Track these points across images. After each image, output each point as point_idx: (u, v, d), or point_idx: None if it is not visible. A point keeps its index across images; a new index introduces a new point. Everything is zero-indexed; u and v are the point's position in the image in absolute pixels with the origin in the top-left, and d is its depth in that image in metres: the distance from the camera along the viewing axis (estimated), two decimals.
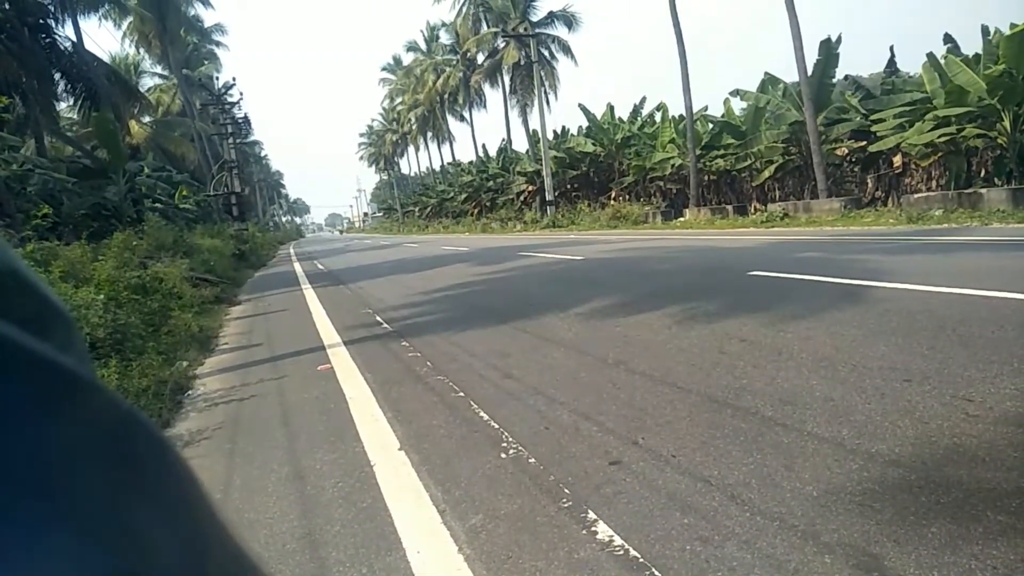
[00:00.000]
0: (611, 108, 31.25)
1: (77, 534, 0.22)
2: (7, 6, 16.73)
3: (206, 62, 45.74)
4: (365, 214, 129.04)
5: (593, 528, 2.21)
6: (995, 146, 16.29)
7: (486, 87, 45.46)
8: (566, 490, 2.52)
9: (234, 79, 34.59)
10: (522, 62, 38.05)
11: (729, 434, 2.87)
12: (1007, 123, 15.01)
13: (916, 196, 15.74)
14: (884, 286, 5.82)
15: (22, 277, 0.29)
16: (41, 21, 18.21)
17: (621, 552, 2.06)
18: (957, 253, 7.92)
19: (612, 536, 2.15)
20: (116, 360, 5.08)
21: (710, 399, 3.35)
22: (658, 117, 28.39)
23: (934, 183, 18.47)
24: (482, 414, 3.55)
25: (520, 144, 43.21)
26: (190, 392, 5.03)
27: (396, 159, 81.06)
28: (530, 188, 36.12)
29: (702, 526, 2.14)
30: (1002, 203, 13.08)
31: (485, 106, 49.93)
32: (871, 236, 11.36)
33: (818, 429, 2.81)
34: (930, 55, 16.87)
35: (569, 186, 33.78)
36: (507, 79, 41.95)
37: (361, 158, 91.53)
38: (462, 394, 3.97)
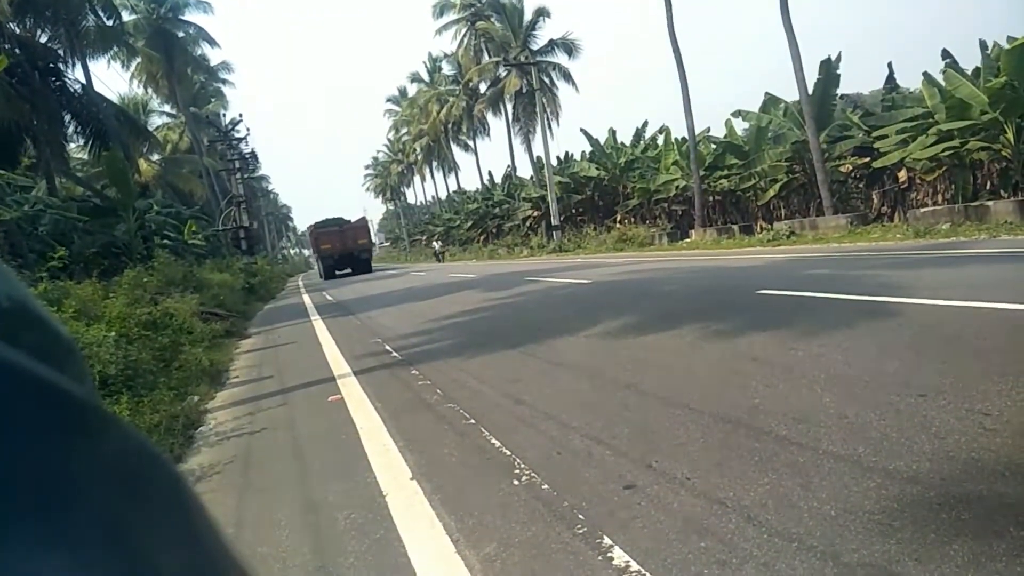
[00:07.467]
0: (613, 132, 31.49)
1: (81, 561, 0.22)
2: (18, 51, 17.09)
3: (213, 99, 46.45)
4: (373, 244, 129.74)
5: (609, 554, 2.19)
6: (1000, 158, 16.29)
7: (489, 115, 45.90)
8: (580, 516, 2.49)
9: (240, 115, 35.22)
10: (524, 90, 38.40)
11: (744, 454, 2.84)
12: (1010, 135, 15.02)
13: (922, 210, 15.72)
14: (895, 301, 5.79)
15: (33, 311, 0.30)
16: (51, 65, 18.58)
17: None
18: (967, 266, 7.88)
19: (628, 562, 2.12)
20: (127, 396, 5.10)
21: (723, 419, 3.32)
22: (660, 140, 28.57)
23: (940, 197, 18.45)
24: (494, 441, 3.53)
25: (524, 170, 43.33)
26: (201, 427, 5.03)
27: (402, 189, 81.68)
28: (535, 213, 36.27)
29: (719, 549, 2.11)
30: (1009, 215, 13.03)
31: (489, 134, 50.34)
32: (879, 251, 11.32)
33: (833, 447, 2.77)
34: (926, 74, 17.01)
35: (574, 210, 33.90)
36: (510, 107, 42.36)
37: (367, 189, 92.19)
38: (473, 421, 3.95)
